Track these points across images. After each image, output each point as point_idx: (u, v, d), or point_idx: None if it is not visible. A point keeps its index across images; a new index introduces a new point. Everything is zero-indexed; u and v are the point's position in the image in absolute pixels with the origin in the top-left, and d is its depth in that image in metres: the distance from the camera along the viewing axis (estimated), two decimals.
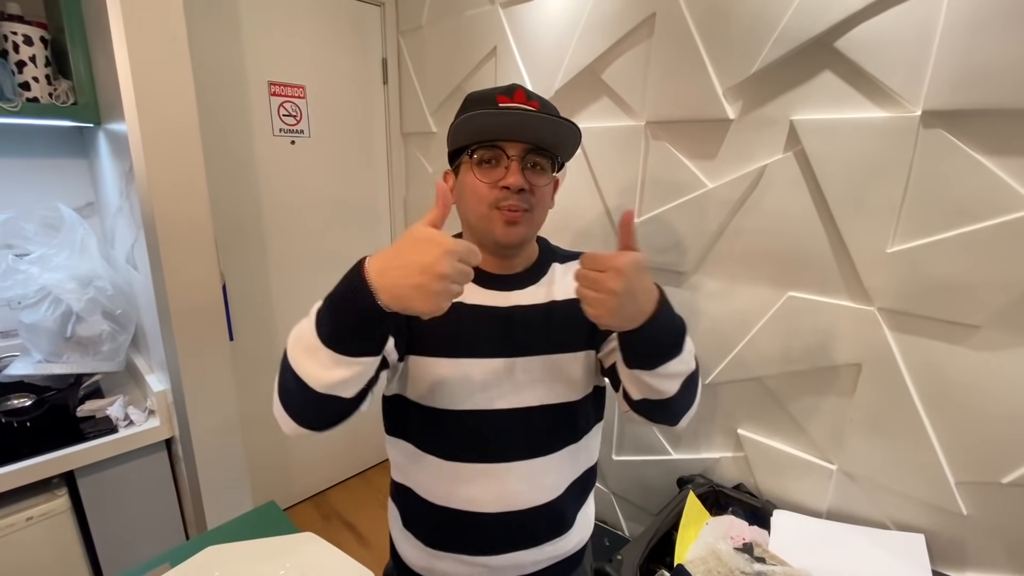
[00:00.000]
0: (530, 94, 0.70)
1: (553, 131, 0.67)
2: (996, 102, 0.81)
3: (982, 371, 0.89)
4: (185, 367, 1.14)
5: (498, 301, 0.73)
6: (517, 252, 0.75)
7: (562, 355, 0.75)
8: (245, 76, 1.60)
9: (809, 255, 1.05)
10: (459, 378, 0.71)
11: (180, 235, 1.09)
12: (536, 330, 0.74)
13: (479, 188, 0.68)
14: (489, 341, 0.72)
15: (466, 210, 0.71)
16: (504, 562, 0.77)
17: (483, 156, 0.68)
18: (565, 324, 0.75)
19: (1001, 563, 0.93)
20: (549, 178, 0.71)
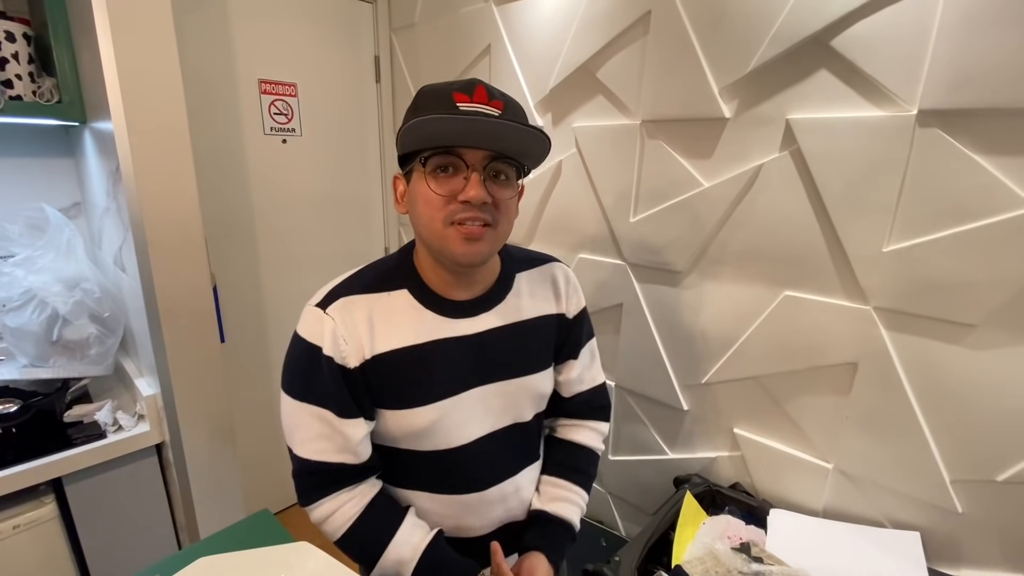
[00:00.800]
0: (492, 92, 0.60)
1: (518, 138, 0.58)
2: (992, 101, 0.81)
3: (977, 370, 0.89)
4: (175, 370, 1.12)
5: (467, 329, 0.68)
6: (478, 270, 0.68)
7: (534, 375, 0.74)
8: (235, 74, 1.58)
9: (805, 254, 1.05)
10: (435, 422, 0.67)
11: (169, 236, 1.07)
12: (507, 352, 0.71)
13: (433, 201, 0.59)
14: (462, 374, 0.68)
15: (419, 225, 0.63)
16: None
17: (438, 163, 0.59)
18: (536, 343, 0.74)
19: (996, 560, 0.93)
20: (514, 189, 0.64)
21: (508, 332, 0.70)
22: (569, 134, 1.41)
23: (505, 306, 0.71)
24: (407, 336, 0.64)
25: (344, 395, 0.62)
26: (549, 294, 0.76)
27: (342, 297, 0.63)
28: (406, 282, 0.66)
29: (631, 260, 1.34)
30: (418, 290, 0.66)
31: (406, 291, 0.66)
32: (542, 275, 0.77)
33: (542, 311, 0.74)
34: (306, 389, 0.62)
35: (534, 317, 0.73)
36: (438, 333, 0.66)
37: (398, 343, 0.63)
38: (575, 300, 0.79)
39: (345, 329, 0.61)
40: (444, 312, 0.66)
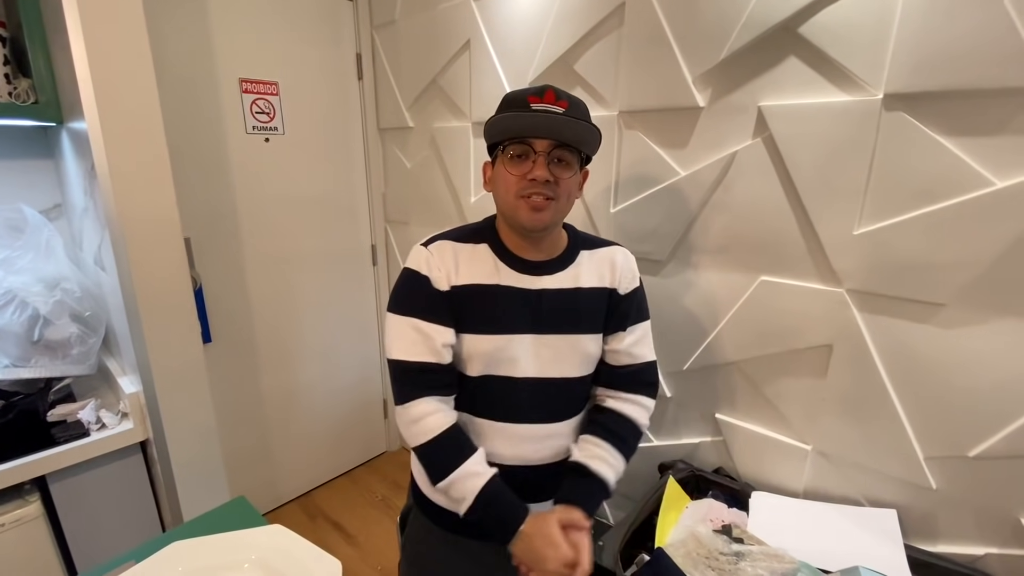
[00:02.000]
0: (559, 94, 0.76)
1: (574, 130, 0.74)
2: (953, 84, 0.83)
3: (947, 348, 0.91)
4: (157, 368, 1.12)
5: (530, 284, 0.82)
6: (544, 237, 0.83)
7: (583, 335, 0.86)
8: (215, 73, 1.57)
9: (780, 239, 1.07)
10: (494, 350, 0.81)
11: (147, 234, 1.07)
12: (561, 312, 0.83)
13: (509, 179, 0.77)
14: (521, 319, 0.81)
15: (499, 198, 0.81)
16: None
17: (514, 151, 0.76)
18: (588, 307, 0.86)
19: (970, 533, 0.95)
20: (574, 171, 0.79)
21: (564, 294, 0.84)
22: None
23: (566, 273, 0.85)
24: (481, 276, 0.81)
25: (435, 307, 0.79)
26: (606, 272, 0.88)
27: (439, 240, 0.82)
28: (488, 238, 0.84)
29: None
30: (496, 245, 0.83)
31: (486, 245, 0.83)
32: (603, 256, 0.90)
33: (596, 283, 0.87)
34: (407, 305, 0.79)
35: (589, 287, 0.86)
36: (505, 280, 0.81)
37: (474, 280, 0.80)
38: (628, 279, 0.90)
39: (439, 260, 0.80)
40: (513, 266, 0.82)
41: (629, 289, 0.90)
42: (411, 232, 2.01)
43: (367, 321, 2.16)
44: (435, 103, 1.76)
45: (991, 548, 0.93)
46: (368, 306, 2.16)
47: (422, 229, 1.93)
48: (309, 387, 2.00)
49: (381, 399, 2.32)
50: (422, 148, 1.85)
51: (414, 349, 0.78)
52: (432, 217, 1.88)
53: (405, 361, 0.79)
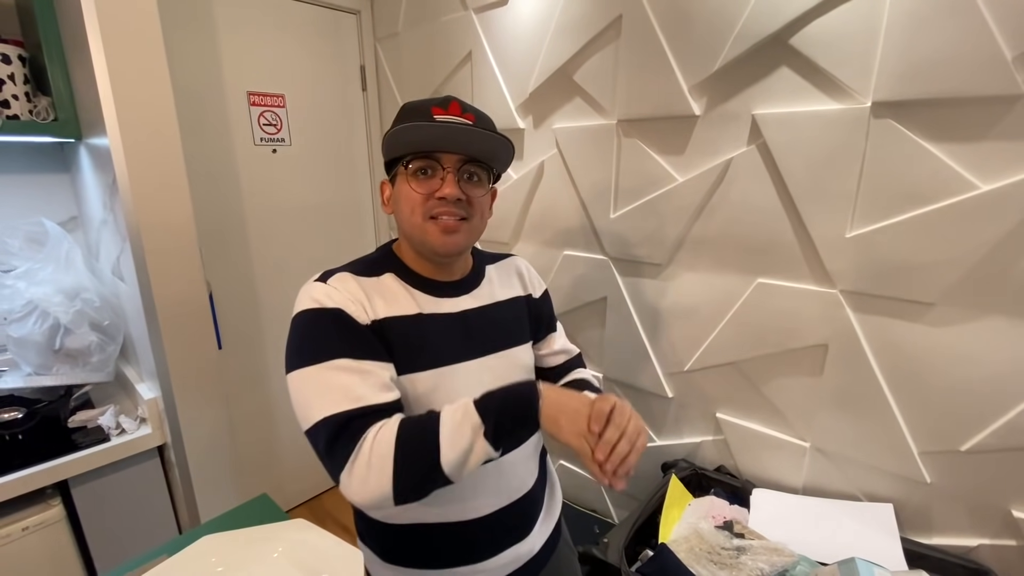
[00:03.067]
0: (465, 106, 0.70)
1: (487, 143, 0.68)
2: (938, 92, 0.86)
3: (938, 346, 0.94)
4: (175, 375, 1.16)
5: (451, 307, 0.75)
6: (455, 260, 0.76)
7: (516, 348, 0.81)
8: (224, 87, 1.62)
9: (775, 243, 1.10)
10: (431, 389, 0.70)
11: (165, 245, 1.12)
12: (489, 328, 0.78)
13: (414, 198, 0.68)
14: (453, 347, 0.73)
15: (402, 220, 0.71)
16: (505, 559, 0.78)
17: (419, 166, 0.68)
18: (512, 318, 0.82)
19: (964, 526, 0.98)
20: (485, 188, 0.73)
21: (486, 311, 0.78)
22: (550, 135, 1.46)
23: (480, 291, 0.80)
24: (398, 308, 0.70)
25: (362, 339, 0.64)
26: (515, 281, 0.87)
27: (337, 273, 0.70)
28: (389, 267, 0.74)
29: (613, 255, 1.39)
30: (402, 272, 0.73)
31: (391, 274, 0.73)
32: (507, 267, 0.88)
33: (511, 295, 0.84)
34: (321, 350, 0.62)
35: (506, 299, 0.82)
36: (427, 308, 0.72)
37: (392, 312, 0.69)
38: (537, 283, 0.91)
39: (349, 294, 0.67)
40: (428, 291, 0.73)
41: (541, 292, 0.90)
42: None
43: None
44: None
45: (984, 539, 0.96)
46: None
47: None
48: None
49: None
50: None
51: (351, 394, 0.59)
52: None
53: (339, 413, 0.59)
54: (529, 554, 0.82)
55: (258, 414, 1.89)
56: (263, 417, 1.90)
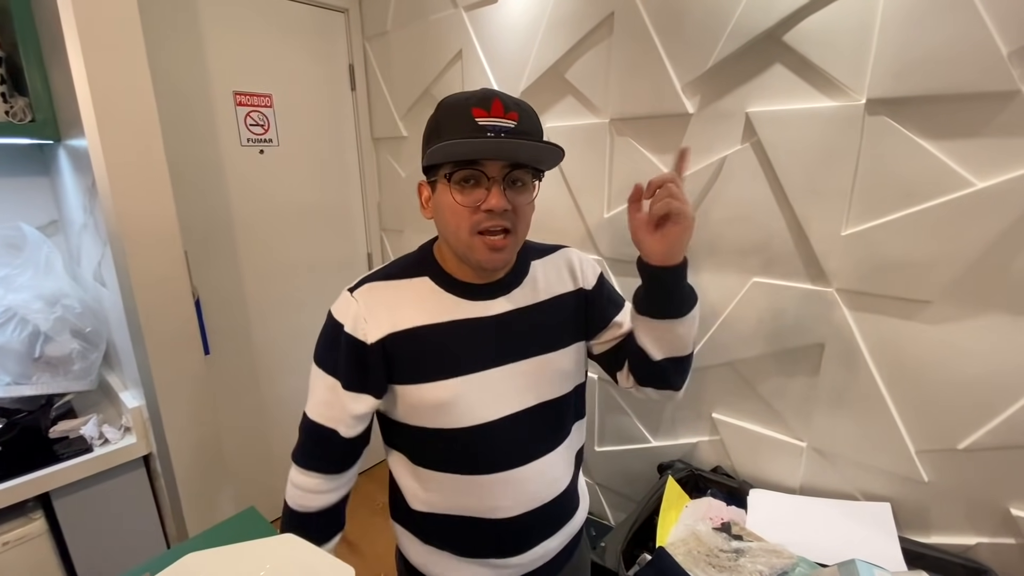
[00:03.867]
0: (507, 104, 0.64)
1: (535, 150, 0.64)
2: (932, 89, 0.86)
3: (934, 344, 0.94)
4: (159, 382, 1.13)
5: (486, 311, 0.72)
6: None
7: (554, 354, 0.77)
8: (209, 87, 1.59)
9: (770, 241, 1.09)
10: (457, 397, 0.70)
11: (148, 249, 1.08)
12: (527, 333, 0.74)
13: (459, 211, 0.65)
14: (483, 353, 0.71)
15: (446, 232, 0.69)
16: (533, 556, 0.78)
17: (462, 176, 0.64)
18: (553, 322, 0.77)
19: (961, 524, 0.98)
20: (531, 193, 0.69)
21: (526, 313, 0.75)
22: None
23: (522, 290, 0.76)
24: (427, 316, 0.70)
25: (353, 370, 0.70)
26: (565, 276, 0.81)
27: (367, 283, 0.72)
28: (427, 270, 0.73)
29: (607, 255, 1.38)
30: (438, 276, 0.73)
31: (427, 278, 0.72)
32: (556, 261, 0.82)
33: (558, 292, 0.79)
34: (324, 358, 0.73)
35: (550, 298, 0.77)
36: (457, 314, 0.71)
37: (418, 322, 0.70)
38: (591, 272, 0.84)
39: (367, 310, 0.69)
40: (462, 294, 0.72)
41: (595, 281, 0.83)
42: (406, 239, 2.02)
43: None
44: (428, 113, 1.74)
45: (982, 538, 0.95)
46: None
47: (417, 236, 1.94)
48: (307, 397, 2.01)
49: None
50: (416, 157, 1.87)
51: (324, 412, 0.73)
52: (427, 224, 1.88)
53: (312, 421, 0.73)
54: (556, 549, 0.82)
55: (251, 418, 1.85)
56: (256, 421, 1.87)
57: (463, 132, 0.62)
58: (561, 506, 0.81)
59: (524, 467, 0.74)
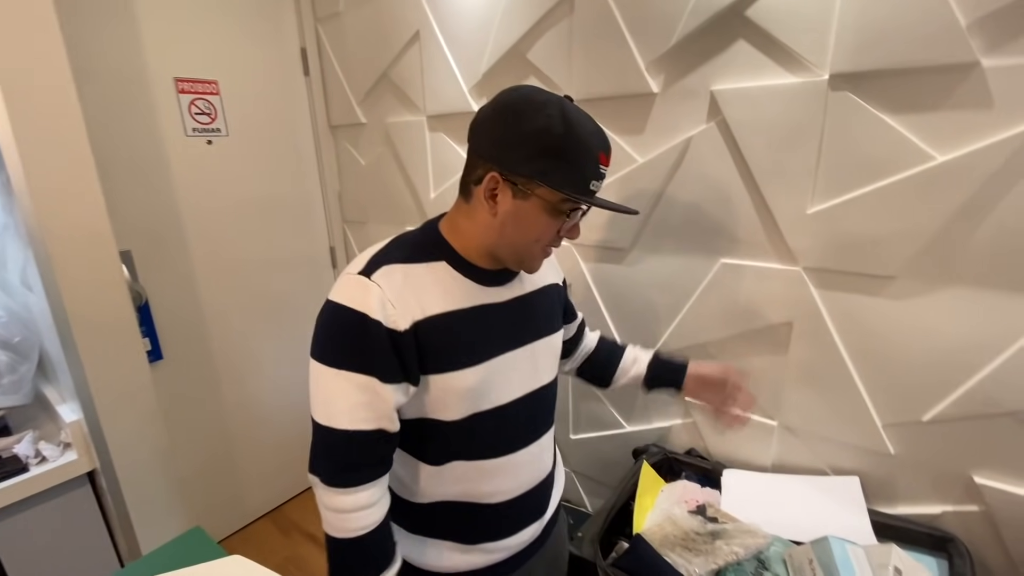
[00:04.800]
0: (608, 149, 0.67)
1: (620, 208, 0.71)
2: (894, 63, 0.85)
3: (899, 318, 0.94)
4: (98, 393, 1.04)
5: (500, 296, 0.74)
6: None
7: (554, 334, 0.83)
8: (147, 73, 1.47)
9: (738, 222, 1.08)
10: (481, 382, 0.70)
11: (76, 251, 0.99)
12: (537, 315, 0.79)
13: (548, 231, 0.68)
14: (505, 335, 0.73)
15: (516, 237, 0.68)
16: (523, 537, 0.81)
17: (571, 208, 0.66)
18: (551, 306, 0.84)
19: (927, 494, 1.00)
20: None
21: (532, 297, 0.79)
22: None
23: (523, 278, 0.79)
24: (452, 301, 0.68)
25: (390, 360, 0.64)
26: (550, 267, 0.86)
27: (384, 265, 0.65)
28: (442, 254, 0.71)
29: (576, 240, 1.35)
30: (455, 261, 0.71)
31: (443, 262, 0.70)
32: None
33: (549, 281, 0.84)
34: (348, 357, 0.63)
35: (546, 285, 0.83)
36: (478, 299, 0.71)
37: (445, 307, 0.67)
38: (559, 270, 0.92)
39: (392, 294, 0.63)
40: (480, 280, 0.72)
41: (563, 278, 0.92)
42: (370, 231, 1.95)
43: None
44: (387, 97, 1.71)
45: (947, 506, 0.97)
46: None
47: (381, 228, 1.88)
48: (272, 398, 1.93)
49: None
50: (376, 144, 1.80)
51: (362, 414, 0.64)
52: (391, 215, 1.82)
53: (345, 431, 0.64)
54: (540, 529, 0.85)
55: (209, 425, 1.77)
56: (215, 428, 1.78)
57: (590, 174, 0.64)
58: (548, 487, 0.85)
59: (524, 450, 0.78)
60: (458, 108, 1.48)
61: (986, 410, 0.89)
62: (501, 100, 0.65)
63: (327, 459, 0.65)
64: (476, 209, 0.68)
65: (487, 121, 0.66)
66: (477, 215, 0.68)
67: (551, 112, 0.62)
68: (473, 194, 0.68)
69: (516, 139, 0.62)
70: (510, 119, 0.63)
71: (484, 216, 0.67)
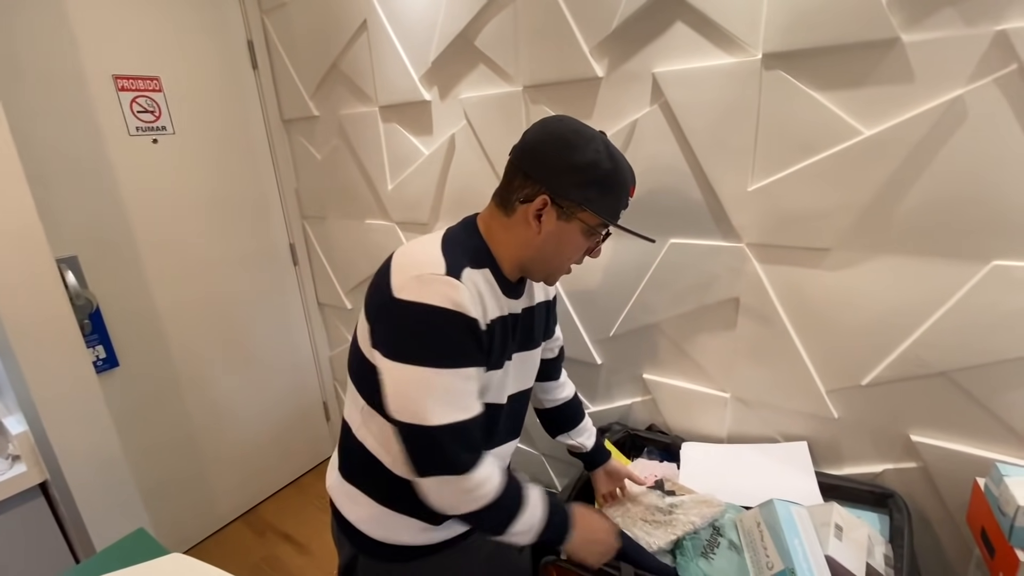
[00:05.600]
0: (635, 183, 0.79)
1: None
2: (821, 40, 0.88)
3: (836, 288, 0.98)
4: (42, 403, 1.01)
5: (516, 307, 0.82)
6: None
7: (541, 346, 0.92)
8: (83, 72, 1.42)
9: (684, 202, 1.10)
10: (498, 382, 0.79)
11: (5, 259, 0.95)
12: (534, 327, 0.88)
13: (581, 250, 0.78)
14: (513, 343, 0.82)
15: (554, 254, 0.77)
16: None
17: (598, 231, 0.76)
18: (543, 321, 0.92)
19: (869, 454, 1.05)
20: None
21: (533, 311, 0.87)
22: (457, 106, 1.39)
23: (530, 291, 0.87)
24: (497, 308, 0.76)
25: (482, 349, 0.71)
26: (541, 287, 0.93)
27: (465, 268, 0.70)
28: (487, 263, 0.76)
29: None
30: (495, 271, 0.77)
31: (487, 270, 0.75)
32: None
33: (543, 298, 0.92)
34: (458, 355, 0.68)
35: (541, 301, 0.91)
36: (506, 308, 0.78)
37: (499, 312, 0.76)
38: (552, 290, 0.97)
39: (476, 295, 0.70)
40: (507, 291, 0.79)
41: (554, 296, 0.98)
42: (329, 226, 1.92)
43: (295, 325, 2.07)
44: (339, 89, 1.68)
45: (887, 464, 1.03)
46: (294, 309, 2.06)
47: (341, 222, 1.85)
48: (238, 399, 1.90)
49: (320, 403, 2.25)
50: (330, 137, 1.77)
51: (466, 402, 0.69)
52: (350, 209, 1.80)
53: (462, 422, 0.68)
54: None
55: (174, 430, 1.73)
56: (180, 432, 1.75)
57: (623, 204, 0.78)
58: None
59: (507, 444, 0.89)
60: (410, 98, 1.47)
61: (918, 371, 0.94)
62: (552, 128, 0.73)
63: (444, 450, 0.67)
64: (517, 224, 0.75)
65: (541, 146, 0.72)
66: (517, 229, 0.75)
67: (598, 147, 0.71)
68: (517, 211, 0.74)
69: (569, 168, 0.70)
70: (564, 149, 0.70)
71: (524, 232, 0.74)
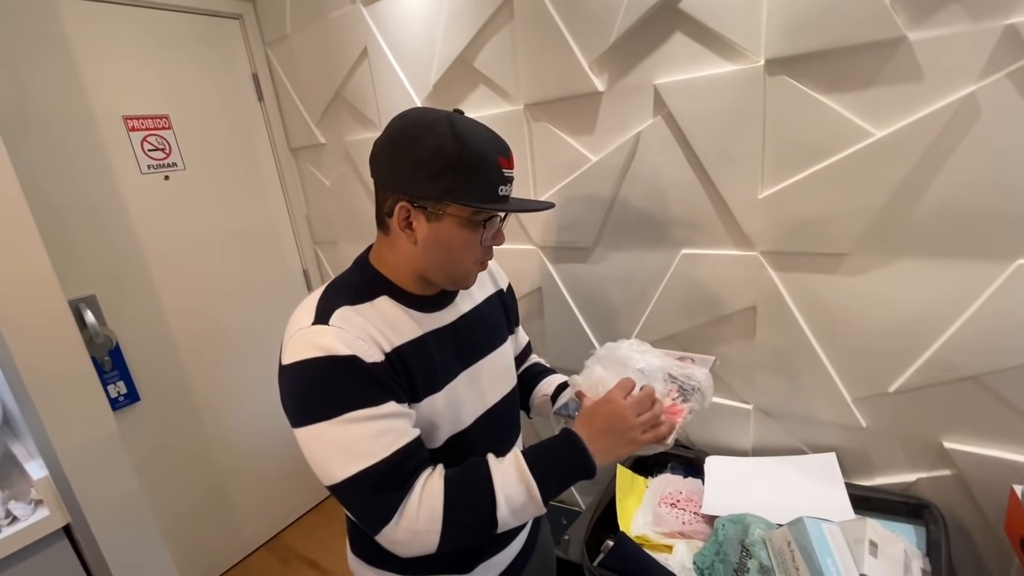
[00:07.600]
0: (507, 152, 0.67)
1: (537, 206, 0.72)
2: (825, 43, 0.86)
3: (856, 294, 0.96)
4: (62, 448, 1.02)
5: (444, 320, 0.74)
6: None
7: (503, 347, 0.83)
8: (93, 114, 1.45)
9: (693, 212, 1.09)
10: (448, 405, 0.71)
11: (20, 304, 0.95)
12: (478, 333, 0.79)
13: (473, 247, 0.68)
14: (452, 362, 0.73)
15: (445, 259, 0.68)
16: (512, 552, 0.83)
17: (485, 218, 0.67)
18: (494, 317, 0.84)
19: (901, 463, 1.01)
20: None
21: (472, 316, 0.79)
22: None
23: (461, 296, 0.79)
24: (408, 332, 0.68)
25: (378, 383, 0.62)
26: (487, 279, 0.87)
27: (338, 309, 0.64)
28: (381, 290, 0.70)
29: (541, 244, 1.35)
30: (395, 294, 0.70)
31: (385, 296, 0.69)
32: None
33: (487, 293, 0.85)
34: (338, 403, 0.60)
35: (484, 299, 0.83)
36: (427, 326, 0.71)
37: (406, 337, 0.68)
38: (502, 276, 0.92)
39: (356, 331, 0.62)
40: (422, 308, 0.72)
41: (507, 283, 0.92)
42: (341, 251, 1.94)
43: None
44: (343, 116, 1.70)
45: (920, 473, 0.99)
46: None
47: (352, 246, 1.86)
48: (258, 426, 1.91)
49: None
50: (338, 164, 1.79)
51: (364, 448, 0.59)
52: (360, 233, 1.81)
53: (364, 471, 0.58)
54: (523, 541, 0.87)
55: (195, 461, 1.74)
56: (202, 463, 1.76)
57: (495, 181, 0.64)
58: None
59: None
60: None
61: (947, 376, 0.90)
62: (391, 128, 0.65)
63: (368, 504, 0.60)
64: (396, 240, 0.68)
65: (383, 151, 0.65)
66: (399, 245, 0.68)
67: (441, 131, 0.61)
68: (389, 226, 0.67)
69: (413, 164, 0.62)
70: (403, 146, 0.63)
71: (405, 245, 0.67)
